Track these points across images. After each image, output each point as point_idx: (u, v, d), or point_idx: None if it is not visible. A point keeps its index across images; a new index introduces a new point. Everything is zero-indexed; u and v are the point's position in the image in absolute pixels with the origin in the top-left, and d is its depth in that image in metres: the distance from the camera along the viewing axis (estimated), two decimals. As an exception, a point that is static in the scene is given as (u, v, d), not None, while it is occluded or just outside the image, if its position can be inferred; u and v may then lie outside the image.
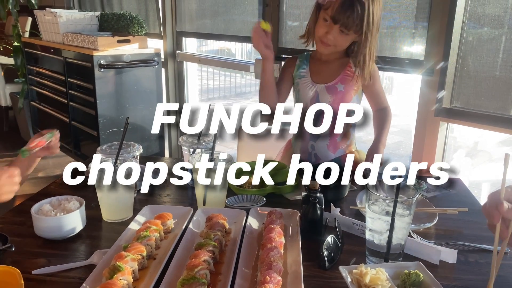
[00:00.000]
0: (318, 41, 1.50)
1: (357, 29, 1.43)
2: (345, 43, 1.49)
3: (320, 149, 1.63)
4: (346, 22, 1.40)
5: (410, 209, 0.94)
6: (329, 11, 1.42)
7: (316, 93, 1.58)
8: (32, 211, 1.03)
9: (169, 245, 0.99)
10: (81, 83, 3.05)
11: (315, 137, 1.62)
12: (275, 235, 0.96)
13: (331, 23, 1.43)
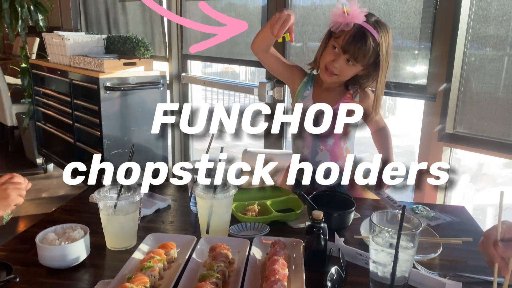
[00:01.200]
0: (323, 68, 1.51)
1: (364, 62, 1.44)
2: (349, 74, 1.50)
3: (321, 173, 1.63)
4: (356, 54, 1.41)
5: (414, 241, 0.94)
6: (340, 40, 1.42)
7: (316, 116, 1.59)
8: (37, 240, 1.04)
9: (172, 275, 0.99)
10: (87, 105, 3.09)
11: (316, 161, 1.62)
12: (278, 267, 0.96)
13: (339, 52, 1.44)
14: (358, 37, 1.39)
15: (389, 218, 1.01)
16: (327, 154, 1.61)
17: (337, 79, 1.51)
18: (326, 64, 1.48)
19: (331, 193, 1.43)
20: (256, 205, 1.37)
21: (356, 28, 1.40)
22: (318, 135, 1.60)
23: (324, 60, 1.50)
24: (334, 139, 1.60)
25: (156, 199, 1.44)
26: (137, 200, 1.13)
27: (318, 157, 1.62)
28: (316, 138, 1.61)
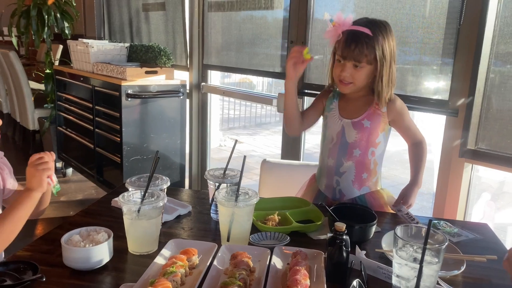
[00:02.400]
0: (338, 82, 1.55)
1: (368, 59, 1.47)
2: (362, 77, 1.51)
3: (345, 185, 1.63)
4: (354, 55, 1.46)
5: (439, 257, 0.93)
6: (339, 50, 1.50)
7: (343, 127, 1.60)
8: (62, 241, 1.06)
9: (194, 282, 0.99)
10: (108, 111, 3.14)
11: (340, 172, 1.62)
12: (300, 277, 0.96)
13: (343, 61, 1.49)
14: (350, 40, 1.46)
15: (414, 233, 1.00)
16: (352, 166, 1.60)
17: (354, 87, 1.53)
18: (338, 77, 1.53)
19: (351, 206, 1.42)
20: (276, 215, 1.37)
21: (347, 33, 1.47)
22: (345, 145, 1.60)
23: (336, 75, 1.55)
24: (361, 150, 1.59)
25: (177, 205, 1.45)
26: (160, 206, 1.14)
27: (342, 168, 1.62)
28: (342, 148, 1.61)
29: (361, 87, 1.55)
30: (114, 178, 3.32)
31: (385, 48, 1.47)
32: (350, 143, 1.59)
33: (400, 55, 2.16)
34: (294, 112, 1.64)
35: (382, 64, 1.48)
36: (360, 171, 1.61)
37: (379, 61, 1.48)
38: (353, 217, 1.29)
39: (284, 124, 1.72)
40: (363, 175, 1.61)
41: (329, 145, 1.65)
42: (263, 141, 6.20)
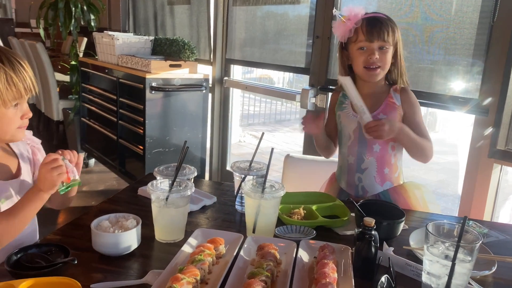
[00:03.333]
0: (364, 71, 1.52)
1: (392, 40, 1.49)
2: (388, 60, 1.51)
3: (367, 181, 1.61)
4: (381, 34, 1.47)
5: (472, 255, 0.90)
6: (360, 37, 1.49)
7: (358, 124, 1.58)
8: (92, 226, 1.07)
9: (221, 271, 1.00)
10: (132, 103, 3.17)
11: (362, 169, 1.61)
12: (328, 271, 0.95)
13: (369, 46, 1.49)
14: (373, 23, 1.48)
15: (445, 231, 0.98)
16: (373, 161, 1.58)
17: (382, 72, 1.52)
18: (364, 64, 1.51)
19: (379, 202, 1.41)
20: (301, 209, 1.36)
21: (366, 20, 1.48)
22: (364, 142, 1.58)
23: (359, 64, 1.52)
24: (381, 146, 1.57)
25: (203, 196, 1.45)
26: (188, 195, 1.15)
27: (364, 164, 1.60)
28: (361, 145, 1.59)
29: (385, 73, 1.54)
30: (136, 170, 3.35)
31: (399, 32, 1.52)
32: (368, 139, 1.57)
33: (429, 52, 2.13)
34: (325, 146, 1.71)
35: (399, 47, 1.52)
36: (382, 167, 1.59)
37: (398, 42, 1.51)
38: (380, 213, 1.27)
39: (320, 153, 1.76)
40: (384, 170, 1.59)
41: (347, 143, 1.63)
42: (282, 138, 6.18)
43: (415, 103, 1.57)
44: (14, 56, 1.08)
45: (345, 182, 1.67)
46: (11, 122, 1.09)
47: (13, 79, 1.05)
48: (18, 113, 1.10)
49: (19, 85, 1.06)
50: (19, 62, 1.08)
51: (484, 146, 1.97)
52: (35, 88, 1.11)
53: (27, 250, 1.01)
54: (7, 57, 1.06)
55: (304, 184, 1.91)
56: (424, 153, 1.52)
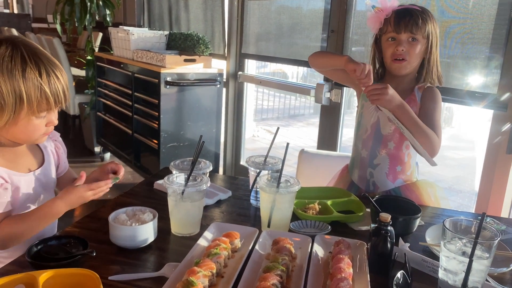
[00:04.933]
0: (391, 62, 1.51)
1: (422, 33, 1.46)
2: (416, 53, 1.48)
3: (378, 177, 1.60)
4: (409, 26, 1.45)
5: (490, 252, 0.90)
6: (390, 28, 1.48)
7: (378, 119, 1.57)
8: (109, 219, 1.09)
9: (236, 265, 1.00)
10: (147, 98, 3.20)
11: (374, 164, 1.60)
12: (344, 266, 0.95)
13: (397, 37, 1.48)
14: (402, 14, 1.46)
15: (463, 227, 0.97)
16: (386, 158, 1.57)
17: (409, 65, 1.50)
18: (391, 55, 1.50)
19: (394, 197, 1.40)
20: (316, 204, 1.36)
21: (396, 11, 1.48)
22: (379, 137, 1.57)
23: (388, 55, 1.51)
24: (395, 143, 1.56)
25: (218, 190, 1.46)
26: (203, 189, 1.16)
27: (376, 160, 1.59)
28: (376, 140, 1.58)
29: (414, 67, 1.52)
30: (151, 164, 3.39)
31: (434, 26, 1.48)
32: (384, 135, 1.56)
33: (446, 47, 2.09)
34: (326, 68, 1.68)
35: (432, 41, 1.48)
36: (394, 164, 1.58)
37: (430, 36, 1.47)
38: (395, 209, 1.26)
39: (313, 61, 1.69)
40: (397, 168, 1.58)
41: (363, 135, 1.62)
42: (296, 133, 6.17)
43: (435, 100, 1.53)
44: (53, 67, 1.07)
45: (357, 176, 1.67)
46: (36, 130, 1.10)
47: (46, 93, 1.05)
48: (44, 121, 1.11)
49: (50, 99, 1.06)
50: (55, 74, 1.07)
51: (503, 142, 1.94)
52: (67, 100, 1.11)
53: (47, 242, 1.04)
54: (47, 70, 1.05)
55: (319, 179, 1.91)
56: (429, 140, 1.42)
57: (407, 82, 1.56)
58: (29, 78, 1.03)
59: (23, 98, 1.03)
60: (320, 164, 2.01)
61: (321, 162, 2.01)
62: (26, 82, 1.03)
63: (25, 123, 1.07)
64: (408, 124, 1.43)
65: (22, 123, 1.07)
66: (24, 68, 1.03)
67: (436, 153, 1.48)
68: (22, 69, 1.02)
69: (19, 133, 1.09)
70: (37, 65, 1.04)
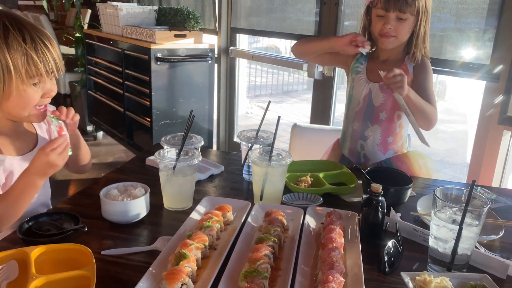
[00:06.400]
0: (379, 37, 1.50)
1: (411, 10, 1.43)
2: (405, 31, 1.47)
3: (369, 149, 1.60)
4: (399, 5, 1.42)
5: (479, 219, 0.90)
6: (379, 4, 1.46)
7: (370, 91, 1.57)
8: (101, 194, 1.08)
9: (229, 237, 1.01)
10: (138, 75, 3.15)
11: (365, 136, 1.60)
12: (335, 236, 0.96)
13: (386, 14, 1.45)
14: None
15: (453, 197, 0.97)
16: (378, 129, 1.57)
17: (397, 41, 1.49)
18: (379, 31, 1.48)
19: (386, 169, 1.40)
20: (308, 176, 1.36)
21: None
22: (371, 109, 1.57)
23: (376, 30, 1.50)
24: (387, 113, 1.55)
25: (210, 165, 1.46)
26: (195, 163, 1.15)
27: (367, 132, 1.59)
28: (368, 112, 1.58)
29: (402, 42, 1.51)
30: (143, 142, 3.37)
31: (426, 2, 1.45)
32: (376, 106, 1.56)
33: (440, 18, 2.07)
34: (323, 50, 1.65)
35: (422, 17, 1.46)
36: (386, 135, 1.58)
37: (420, 13, 1.44)
38: (387, 180, 1.26)
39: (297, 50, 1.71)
40: (388, 139, 1.58)
41: (354, 108, 1.62)
42: (290, 109, 6.15)
43: (427, 70, 1.53)
44: (40, 34, 1.04)
45: (347, 149, 1.67)
46: (30, 101, 1.06)
47: (34, 59, 1.02)
48: (39, 92, 1.07)
49: (39, 66, 1.02)
50: (43, 41, 1.04)
51: (494, 113, 1.94)
52: (59, 69, 1.07)
53: (38, 218, 1.03)
54: (31, 35, 1.02)
55: (312, 153, 1.91)
56: (428, 119, 1.45)
57: (397, 52, 1.55)
58: (12, 45, 1.00)
59: (9, 67, 1.00)
60: (313, 138, 2.01)
61: (313, 137, 2.01)
62: (10, 50, 0.99)
63: (18, 96, 1.04)
64: (414, 106, 1.43)
65: (14, 96, 1.04)
66: (6, 35, 1.00)
67: (434, 125, 1.50)
68: (5, 36, 0.99)
69: (13, 107, 1.06)
70: (20, 31, 1.01)
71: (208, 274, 0.88)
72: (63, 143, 1.04)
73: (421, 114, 1.45)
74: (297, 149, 2.01)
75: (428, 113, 1.45)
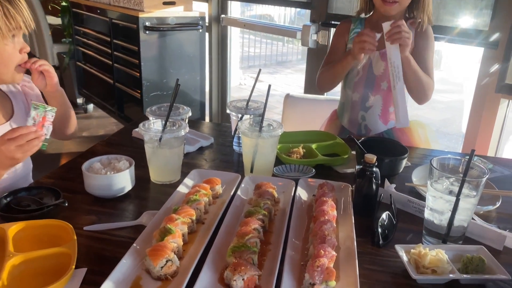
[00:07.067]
0: (380, 4, 1.42)
1: None
2: None
3: (371, 120, 1.56)
4: None
5: (477, 190, 0.87)
6: None
7: (370, 60, 1.50)
8: (83, 168, 1.03)
9: (217, 211, 0.97)
10: (126, 45, 3.06)
11: (367, 107, 1.55)
12: (328, 208, 0.92)
13: None
14: None
15: (450, 167, 0.94)
16: (379, 99, 1.52)
17: (399, 7, 1.41)
18: None
19: (380, 139, 1.36)
20: (301, 147, 1.32)
21: None
22: (372, 79, 1.51)
23: None
24: (389, 83, 1.50)
25: (199, 137, 1.41)
26: (182, 135, 1.10)
27: (368, 102, 1.54)
28: (369, 82, 1.52)
29: (404, 7, 1.44)
30: (134, 114, 3.30)
31: None
32: (377, 75, 1.50)
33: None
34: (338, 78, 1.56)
35: None
36: (387, 105, 1.53)
37: None
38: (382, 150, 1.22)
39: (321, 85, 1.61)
40: (390, 109, 1.54)
41: (354, 79, 1.56)
42: (284, 80, 6.06)
43: (429, 39, 1.47)
44: None
45: (347, 120, 1.62)
46: (11, 58, 1.05)
47: (10, 11, 1.01)
48: (16, 47, 1.05)
49: (16, 17, 1.02)
50: None
51: (492, 81, 1.89)
52: (32, 21, 1.06)
53: (17, 193, 0.99)
54: None
55: (305, 124, 1.87)
56: (423, 91, 1.42)
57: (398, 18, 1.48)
58: None
59: None
60: (306, 108, 1.96)
61: (307, 107, 1.96)
62: None
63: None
64: (412, 73, 1.37)
65: None
66: None
67: (429, 99, 1.46)
68: None
69: None
70: None
71: (195, 249, 0.85)
72: (28, 134, 0.92)
73: (417, 84, 1.40)
74: (290, 120, 1.97)
75: (424, 84, 1.41)
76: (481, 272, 0.81)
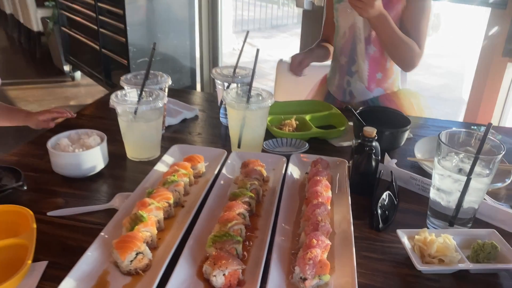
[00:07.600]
0: None
1: None
2: None
3: (356, 86, 1.45)
4: None
5: (492, 168, 0.77)
6: None
7: (355, 20, 1.37)
8: (48, 145, 0.92)
9: (199, 192, 0.87)
10: (111, 8, 2.88)
11: (352, 71, 1.43)
12: (321, 189, 0.82)
13: None
14: None
15: (461, 140, 0.83)
16: (366, 63, 1.40)
17: None
18: None
19: (380, 109, 1.25)
20: (293, 119, 1.21)
21: None
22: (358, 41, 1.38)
23: None
24: (376, 47, 1.37)
25: (182, 108, 1.30)
26: (159, 106, 0.99)
27: (355, 67, 1.42)
28: (354, 44, 1.39)
29: None
30: (122, 82, 3.16)
31: None
32: (364, 37, 1.36)
33: None
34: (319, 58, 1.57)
35: None
36: (375, 70, 1.41)
37: None
38: (381, 121, 1.12)
39: None
40: (377, 75, 1.42)
41: (341, 41, 1.44)
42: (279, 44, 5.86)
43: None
44: None
45: (334, 86, 1.52)
46: None
47: None
48: None
49: None
50: None
51: (498, 44, 1.76)
52: None
53: (-30, 174, 0.88)
54: None
55: (299, 92, 1.74)
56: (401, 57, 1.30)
57: None
58: None
59: None
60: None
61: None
62: None
63: None
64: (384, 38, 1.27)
65: None
66: None
67: (414, 67, 1.33)
68: None
69: None
70: None
71: (172, 237, 0.75)
72: None
73: (393, 49, 1.29)
74: (283, 88, 1.84)
75: (402, 49, 1.28)
76: (493, 260, 0.72)
